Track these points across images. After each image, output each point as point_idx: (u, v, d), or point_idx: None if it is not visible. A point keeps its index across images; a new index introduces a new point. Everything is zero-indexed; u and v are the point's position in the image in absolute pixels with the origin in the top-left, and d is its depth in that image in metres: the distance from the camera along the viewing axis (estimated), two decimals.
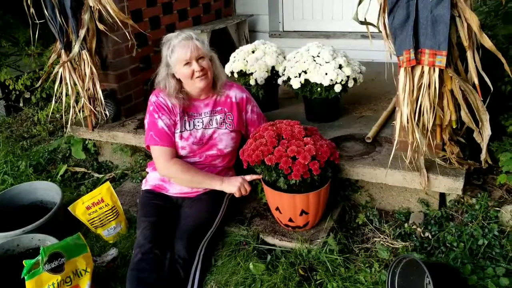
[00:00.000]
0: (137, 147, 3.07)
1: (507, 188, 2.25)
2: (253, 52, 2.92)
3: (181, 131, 2.28)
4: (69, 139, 3.39)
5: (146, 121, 2.34)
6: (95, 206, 2.34)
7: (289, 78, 2.73)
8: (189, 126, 2.30)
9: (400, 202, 2.39)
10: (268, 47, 2.92)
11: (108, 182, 2.40)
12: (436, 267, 1.72)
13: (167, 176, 2.30)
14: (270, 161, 2.04)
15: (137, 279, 1.92)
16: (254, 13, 4.61)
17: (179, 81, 2.24)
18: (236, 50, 3.03)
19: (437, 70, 1.96)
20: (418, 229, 2.16)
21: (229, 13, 4.62)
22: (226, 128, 2.33)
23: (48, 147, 3.50)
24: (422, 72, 2.00)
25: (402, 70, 2.04)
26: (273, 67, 2.87)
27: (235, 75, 2.91)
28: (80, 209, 2.32)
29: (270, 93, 2.99)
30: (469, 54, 1.94)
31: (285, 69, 2.77)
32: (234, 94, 2.36)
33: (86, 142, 3.30)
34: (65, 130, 3.14)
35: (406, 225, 2.22)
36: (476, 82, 1.96)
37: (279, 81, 2.83)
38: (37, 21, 2.63)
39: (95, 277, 2.09)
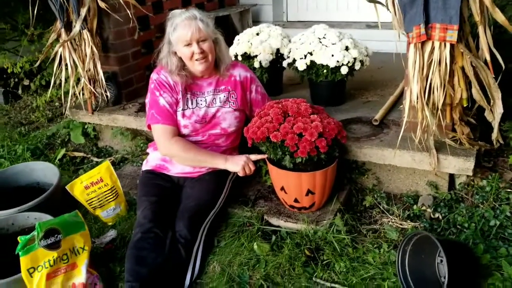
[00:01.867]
0: (137, 131, 3.01)
1: None
2: (257, 34, 2.86)
3: (183, 109, 2.21)
4: (69, 124, 3.33)
5: (147, 100, 2.27)
6: (94, 185, 2.27)
7: (294, 60, 2.67)
8: (192, 104, 2.23)
9: (409, 185, 2.33)
10: (273, 30, 2.87)
11: (107, 161, 2.33)
12: (448, 244, 1.65)
13: (168, 155, 2.23)
14: (276, 138, 1.98)
15: (136, 258, 1.85)
16: (258, 3, 4.55)
17: (181, 59, 2.18)
18: (240, 34, 2.97)
19: (448, 45, 1.90)
20: (428, 210, 2.10)
21: (232, 3, 4.56)
22: (229, 106, 2.27)
23: (47, 131, 3.43)
24: (433, 48, 1.93)
25: (411, 47, 1.98)
26: (278, 50, 2.81)
27: (239, 58, 2.85)
28: (78, 188, 2.25)
29: (275, 77, 2.93)
30: (480, 30, 1.88)
31: (290, 51, 2.71)
32: (238, 73, 2.30)
33: (86, 126, 3.23)
34: (64, 111, 3.07)
35: (415, 207, 2.16)
36: (488, 58, 1.90)
37: (284, 63, 2.77)
38: None
39: (93, 257, 2.02)
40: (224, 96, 2.27)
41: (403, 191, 2.35)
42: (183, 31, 2.06)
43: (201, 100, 2.25)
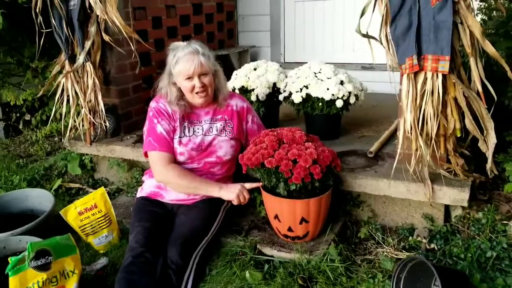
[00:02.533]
0: (134, 162, 3.02)
1: None
2: (255, 69, 2.93)
3: (180, 137, 2.24)
4: (66, 156, 3.34)
5: (145, 128, 2.30)
6: (88, 212, 2.26)
7: (290, 94, 2.72)
8: (189, 132, 2.26)
9: (404, 217, 2.31)
10: (270, 65, 2.94)
11: (102, 188, 2.33)
12: (444, 271, 1.62)
13: (164, 182, 2.23)
14: (270, 164, 1.99)
15: (127, 281, 1.82)
16: (256, 44, 4.69)
17: (180, 89, 2.22)
18: (238, 69, 3.04)
19: (440, 76, 1.95)
20: (424, 240, 2.07)
21: (232, 45, 4.70)
22: (226, 135, 2.29)
23: (44, 163, 3.44)
24: (425, 79, 1.98)
25: (404, 77, 2.03)
26: (274, 84, 2.87)
27: (237, 91, 2.90)
28: (72, 214, 2.24)
29: (271, 112, 2.97)
30: (472, 62, 1.94)
31: (286, 85, 2.77)
32: (235, 103, 2.35)
33: (83, 158, 3.24)
34: (63, 138, 3.10)
35: (410, 238, 2.14)
36: (480, 89, 1.95)
37: (280, 97, 2.82)
38: (44, 30, 2.65)
39: (83, 283, 1.99)
40: (221, 125, 2.30)
41: (398, 223, 2.33)
42: (186, 64, 2.11)
43: (198, 128, 2.28)
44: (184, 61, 2.12)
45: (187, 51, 2.15)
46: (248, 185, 2.17)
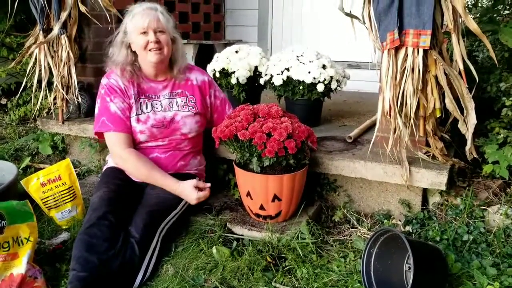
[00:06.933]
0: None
1: (494, 191, 2.12)
2: (236, 52, 2.86)
3: (137, 114, 2.10)
4: (38, 136, 3.22)
5: (97, 106, 2.14)
6: (51, 183, 2.15)
7: (271, 77, 2.65)
8: (147, 108, 2.12)
9: (380, 203, 2.24)
10: (252, 49, 2.87)
11: (68, 159, 2.22)
12: (418, 246, 1.54)
13: (121, 166, 2.10)
14: (244, 136, 1.91)
15: (86, 244, 1.69)
16: (243, 39, 4.63)
17: (134, 53, 2.10)
18: (219, 52, 2.97)
19: (421, 51, 1.89)
20: (399, 222, 2.00)
21: (218, 38, 4.64)
22: (189, 110, 2.17)
23: (15, 143, 3.31)
24: (406, 55, 1.93)
25: (385, 54, 1.97)
26: (256, 68, 2.80)
27: (217, 74, 2.83)
28: (34, 184, 2.12)
29: (252, 97, 2.89)
30: (453, 38, 1.89)
31: (267, 69, 2.70)
32: (195, 76, 2.24)
33: (55, 139, 3.13)
34: (33, 115, 2.97)
35: (386, 221, 2.06)
36: (461, 67, 1.90)
37: (261, 81, 2.75)
38: None
39: (39, 254, 1.88)
40: (182, 101, 2.18)
41: (375, 209, 2.25)
42: (141, 18, 2.00)
43: (156, 104, 2.15)
44: (140, 16, 2.01)
45: (145, 6, 2.05)
46: (196, 183, 2.03)
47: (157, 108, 2.13)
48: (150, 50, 2.02)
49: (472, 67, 1.89)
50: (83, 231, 1.75)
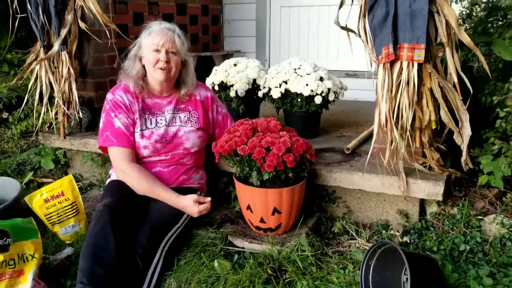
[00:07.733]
0: (108, 157, 2.92)
1: (490, 200, 2.16)
2: (235, 65, 2.90)
3: (141, 130, 2.14)
4: (40, 151, 3.26)
5: (101, 121, 2.18)
6: (54, 199, 2.18)
7: (269, 90, 2.69)
8: (151, 124, 2.17)
9: (379, 214, 2.27)
10: (250, 62, 2.92)
11: (70, 175, 2.26)
12: (414, 258, 1.58)
13: (124, 181, 2.13)
14: (243, 151, 1.94)
15: (93, 256, 1.73)
16: (241, 50, 4.68)
17: (143, 68, 2.15)
18: (218, 66, 3.01)
19: (415, 65, 1.93)
20: (397, 233, 2.03)
21: (217, 49, 4.69)
22: (192, 125, 2.21)
23: (17, 158, 3.35)
24: (401, 69, 1.97)
25: (380, 67, 2.01)
26: (254, 81, 2.84)
27: (216, 88, 2.87)
28: (38, 201, 2.16)
29: (251, 110, 2.93)
30: (447, 52, 1.94)
31: (266, 81, 2.74)
32: (198, 92, 2.29)
33: (57, 153, 3.16)
34: (35, 129, 3.01)
35: (384, 231, 2.09)
36: (455, 80, 1.94)
37: (260, 94, 2.79)
38: (19, 15, 2.60)
39: (44, 270, 1.90)
40: (185, 116, 2.22)
41: (373, 220, 2.28)
42: (157, 36, 2.06)
43: (160, 119, 2.19)
44: (156, 34, 2.08)
45: (163, 26, 2.12)
46: (197, 198, 2.07)
47: (161, 123, 2.18)
48: (159, 68, 2.07)
49: (466, 80, 1.93)
50: (89, 243, 1.77)
